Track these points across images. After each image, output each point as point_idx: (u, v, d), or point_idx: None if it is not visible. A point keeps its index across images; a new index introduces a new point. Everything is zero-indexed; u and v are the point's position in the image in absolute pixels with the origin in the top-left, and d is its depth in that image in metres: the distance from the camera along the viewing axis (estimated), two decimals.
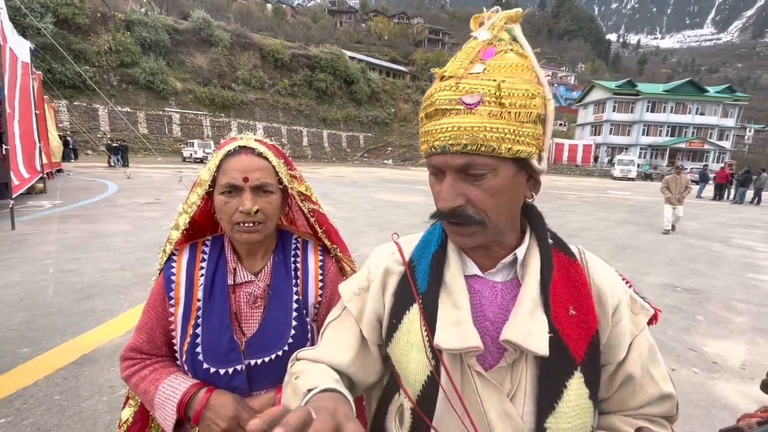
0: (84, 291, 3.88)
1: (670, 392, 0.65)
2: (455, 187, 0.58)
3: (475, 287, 0.65)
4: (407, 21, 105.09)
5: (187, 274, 0.89)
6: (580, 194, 17.95)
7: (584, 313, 0.61)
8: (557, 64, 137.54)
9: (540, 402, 0.59)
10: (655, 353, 0.66)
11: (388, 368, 0.74)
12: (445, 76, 0.57)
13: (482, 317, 0.63)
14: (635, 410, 0.65)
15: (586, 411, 0.60)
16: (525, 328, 0.58)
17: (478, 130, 0.54)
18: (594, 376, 0.61)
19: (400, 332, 0.67)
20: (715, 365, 3.11)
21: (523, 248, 0.65)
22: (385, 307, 0.71)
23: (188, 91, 39.43)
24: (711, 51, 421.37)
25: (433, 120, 0.57)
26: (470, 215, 0.58)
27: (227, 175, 0.83)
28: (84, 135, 26.70)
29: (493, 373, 0.60)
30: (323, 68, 49.31)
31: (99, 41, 34.06)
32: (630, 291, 0.67)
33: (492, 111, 0.54)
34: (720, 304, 4.50)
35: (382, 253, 0.77)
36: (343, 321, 0.74)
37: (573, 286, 0.63)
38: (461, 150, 0.55)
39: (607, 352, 0.63)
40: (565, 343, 0.59)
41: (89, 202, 9.37)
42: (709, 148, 43.80)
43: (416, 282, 0.68)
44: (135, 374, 0.87)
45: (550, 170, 39.14)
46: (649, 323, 0.66)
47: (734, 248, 7.57)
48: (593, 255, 0.70)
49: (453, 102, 0.55)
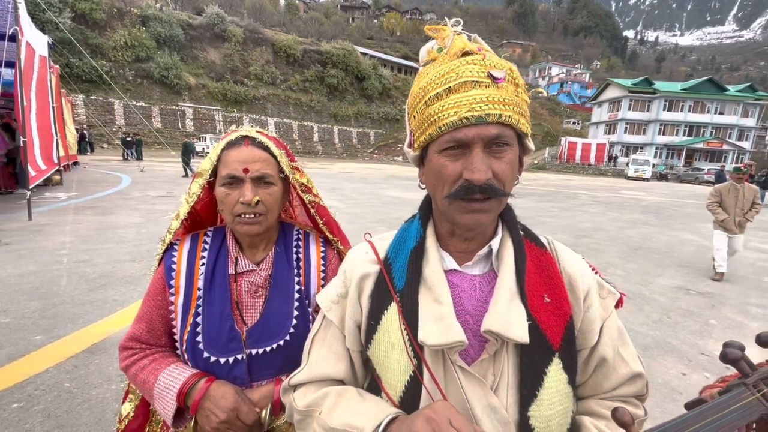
0: (96, 281, 3.95)
1: (640, 371, 0.67)
2: (485, 160, 0.58)
3: (454, 281, 0.66)
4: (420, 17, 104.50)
5: (188, 263, 0.89)
6: (592, 194, 17.67)
7: (558, 300, 0.63)
8: (572, 62, 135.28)
9: (522, 390, 0.59)
10: (624, 335, 0.69)
11: (369, 372, 0.73)
12: (466, 52, 0.59)
13: (462, 311, 0.63)
14: (609, 392, 0.67)
15: (566, 396, 0.62)
16: (505, 317, 0.58)
17: (509, 102, 0.57)
18: (571, 361, 0.63)
19: (379, 333, 0.66)
20: (728, 370, 3.03)
21: (497, 239, 0.67)
22: (363, 310, 0.69)
23: (201, 86, 39.89)
24: (732, 49, 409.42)
25: (459, 93, 0.57)
26: (498, 188, 0.59)
27: (227, 166, 0.82)
28: (100, 129, 27.24)
29: (475, 367, 0.60)
30: (335, 64, 49.37)
31: (115, 36, 34.70)
32: (597, 277, 0.69)
33: (510, 89, 0.58)
34: (734, 308, 4.39)
35: (356, 254, 0.76)
36: (327, 331, 0.73)
37: (545, 274, 0.65)
38: (497, 120, 0.56)
39: (580, 337, 0.65)
40: (543, 330, 0.61)
41: (103, 195, 9.55)
42: (727, 148, 42.63)
43: (393, 280, 0.67)
44: (134, 364, 0.87)
45: (562, 169, 38.60)
46: (616, 307, 0.68)
47: (750, 251, 7.36)
48: (562, 244, 0.73)
49: (481, 75, 0.57)
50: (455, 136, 0.58)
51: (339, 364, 0.70)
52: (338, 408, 0.63)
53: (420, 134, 0.63)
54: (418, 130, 0.63)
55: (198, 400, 0.79)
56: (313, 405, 0.66)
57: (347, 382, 0.71)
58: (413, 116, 0.64)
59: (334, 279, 0.77)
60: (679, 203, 16.00)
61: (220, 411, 0.77)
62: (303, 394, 0.69)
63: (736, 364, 0.46)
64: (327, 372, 0.69)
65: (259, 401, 0.83)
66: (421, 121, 0.62)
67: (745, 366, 0.46)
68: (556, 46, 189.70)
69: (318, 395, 0.66)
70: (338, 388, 0.68)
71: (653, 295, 4.60)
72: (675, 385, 2.76)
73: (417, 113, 0.63)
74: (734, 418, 0.42)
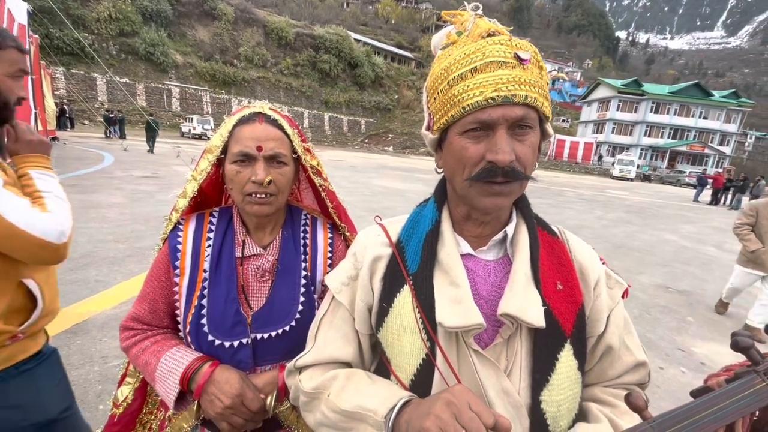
0: (77, 261, 3.84)
1: (644, 360, 0.68)
2: (509, 141, 0.57)
3: (469, 266, 0.65)
4: (415, 5, 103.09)
5: (194, 244, 0.86)
6: (578, 191, 17.98)
7: (570, 288, 0.64)
8: (564, 59, 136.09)
9: (534, 375, 0.60)
10: (629, 324, 0.70)
11: (377, 355, 0.72)
12: (492, 33, 0.59)
13: (476, 296, 0.63)
14: (613, 380, 0.68)
15: (575, 382, 0.62)
16: (521, 301, 0.58)
17: (534, 84, 0.56)
18: (582, 347, 0.63)
19: (391, 316, 0.66)
20: (702, 366, 3.15)
21: (512, 225, 0.67)
22: (374, 293, 0.69)
23: (189, 65, 38.68)
24: (719, 55, 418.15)
25: (485, 72, 0.56)
26: (520, 171, 0.58)
27: (240, 143, 0.79)
28: (81, 104, 26.22)
29: (489, 351, 0.61)
30: (328, 49, 48.44)
31: (99, 8, 33.18)
32: (605, 267, 0.70)
33: (536, 71, 0.57)
34: (711, 306, 4.56)
35: (367, 236, 0.74)
36: (335, 314, 0.72)
37: (558, 262, 0.65)
38: (523, 101, 0.55)
39: (589, 325, 0.65)
40: (556, 316, 0.61)
41: (84, 173, 9.24)
42: (709, 152, 43.76)
43: (406, 263, 0.66)
44: (135, 345, 0.85)
45: (550, 166, 39.10)
46: (622, 297, 0.69)
47: (728, 253, 7.63)
48: (572, 234, 0.73)
49: (508, 55, 0.56)
50: (479, 117, 0.57)
51: (347, 347, 0.69)
52: (348, 390, 0.62)
53: (441, 116, 0.61)
54: (439, 111, 0.62)
55: (202, 384, 0.77)
56: (321, 387, 0.65)
57: (354, 365, 0.70)
58: (434, 98, 0.63)
59: (343, 261, 0.76)
60: (661, 204, 16.42)
61: (225, 396, 0.76)
62: (310, 376, 0.68)
63: (747, 352, 0.46)
64: (334, 354, 0.68)
65: (264, 387, 0.82)
66: (443, 102, 0.60)
67: (756, 354, 0.46)
68: (550, 43, 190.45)
69: (326, 377, 0.66)
70: (347, 370, 0.67)
71: (634, 292, 4.73)
72: (653, 379, 2.84)
73: (438, 94, 0.61)
74: (746, 404, 0.43)
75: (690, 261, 6.70)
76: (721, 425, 0.42)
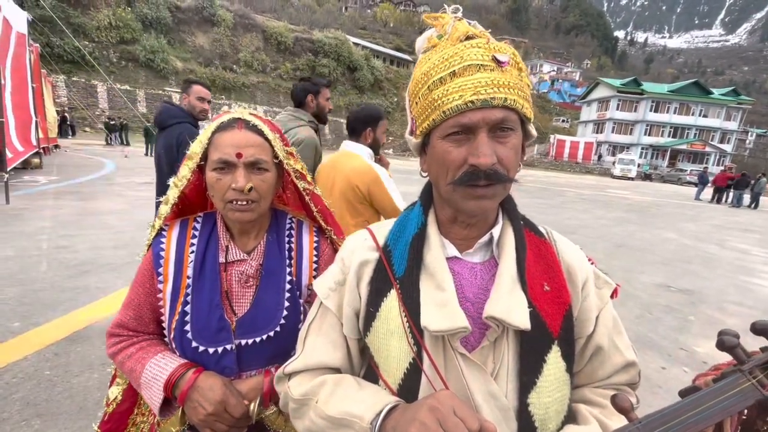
0: (78, 268, 3.85)
1: (634, 360, 0.68)
2: (490, 144, 0.57)
3: (455, 269, 0.65)
4: (413, 9, 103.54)
5: (177, 250, 0.86)
6: (578, 191, 17.94)
7: (557, 289, 0.63)
8: (563, 60, 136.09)
9: (522, 378, 0.59)
10: (618, 325, 0.69)
11: (366, 360, 0.72)
12: (470, 36, 0.59)
13: (463, 299, 0.63)
14: (603, 381, 0.68)
15: (564, 384, 0.62)
16: (506, 304, 0.58)
17: (513, 86, 0.56)
18: (569, 348, 0.63)
19: (378, 321, 0.65)
20: (705, 365, 3.13)
21: (498, 227, 0.67)
22: (361, 298, 0.68)
23: (189, 71, 38.80)
24: (718, 53, 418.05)
25: (463, 76, 0.56)
26: (503, 174, 0.58)
27: (219, 150, 0.79)
28: (82, 112, 26.36)
29: (476, 354, 0.60)
30: (327, 53, 48.58)
31: (99, 16, 33.39)
32: (593, 267, 0.70)
33: (515, 73, 0.57)
34: (713, 305, 4.52)
35: (355, 241, 0.75)
36: (324, 319, 0.72)
37: (545, 263, 0.65)
38: (502, 104, 0.55)
39: (578, 326, 0.65)
40: (543, 318, 0.61)
41: (86, 180, 9.28)
42: (710, 150, 43.70)
43: (392, 267, 0.66)
44: (121, 351, 0.84)
45: (550, 167, 39.04)
46: (611, 297, 0.69)
47: (729, 251, 7.60)
48: (559, 234, 0.73)
49: (486, 58, 0.56)
50: (460, 121, 0.57)
51: (335, 353, 0.69)
52: (336, 396, 0.62)
53: (423, 120, 0.61)
54: (421, 116, 0.62)
55: (186, 391, 0.77)
56: (310, 393, 0.64)
57: (343, 371, 0.69)
58: (415, 102, 0.63)
59: (331, 266, 0.76)
60: (662, 203, 16.38)
61: (208, 403, 0.75)
62: (299, 383, 0.67)
63: (733, 351, 0.46)
64: (323, 360, 0.68)
65: (248, 393, 0.81)
66: (424, 106, 0.60)
67: (741, 353, 0.46)
68: (548, 44, 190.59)
69: (314, 384, 0.65)
70: (335, 376, 0.67)
71: (636, 292, 4.71)
72: (655, 379, 2.84)
73: (419, 99, 0.61)
74: (731, 403, 0.43)
75: (691, 259, 6.66)
76: (707, 425, 0.42)
